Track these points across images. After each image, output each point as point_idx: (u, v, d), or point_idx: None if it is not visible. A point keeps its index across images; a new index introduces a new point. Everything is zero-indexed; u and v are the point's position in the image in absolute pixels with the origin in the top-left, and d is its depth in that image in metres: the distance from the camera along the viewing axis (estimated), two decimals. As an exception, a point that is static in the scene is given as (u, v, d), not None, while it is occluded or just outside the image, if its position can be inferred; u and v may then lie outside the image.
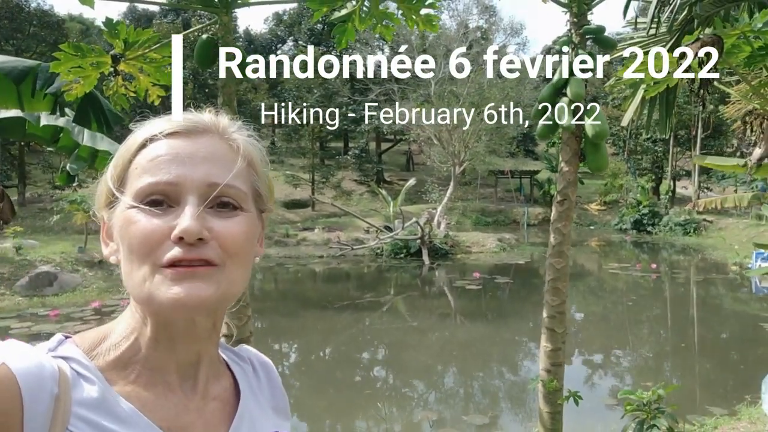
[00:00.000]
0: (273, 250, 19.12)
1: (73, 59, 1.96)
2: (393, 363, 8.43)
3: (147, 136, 0.61)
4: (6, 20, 27.17)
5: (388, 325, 10.47)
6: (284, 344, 9.56)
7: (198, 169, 0.59)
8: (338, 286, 14.85)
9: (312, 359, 8.73)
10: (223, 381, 0.69)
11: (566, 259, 2.55)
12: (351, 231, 20.51)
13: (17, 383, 0.49)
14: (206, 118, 0.64)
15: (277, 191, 27.38)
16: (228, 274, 0.58)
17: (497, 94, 21.89)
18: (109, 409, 0.55)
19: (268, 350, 8.80)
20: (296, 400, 6.75)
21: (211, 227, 0.58)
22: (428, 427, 5.60)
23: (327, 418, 6.23)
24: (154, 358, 0.61)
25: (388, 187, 30.89)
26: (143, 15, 38.92)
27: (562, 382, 2.67)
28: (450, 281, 14.37)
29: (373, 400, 6.51)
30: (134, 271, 0.57)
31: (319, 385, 7.24)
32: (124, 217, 0.58)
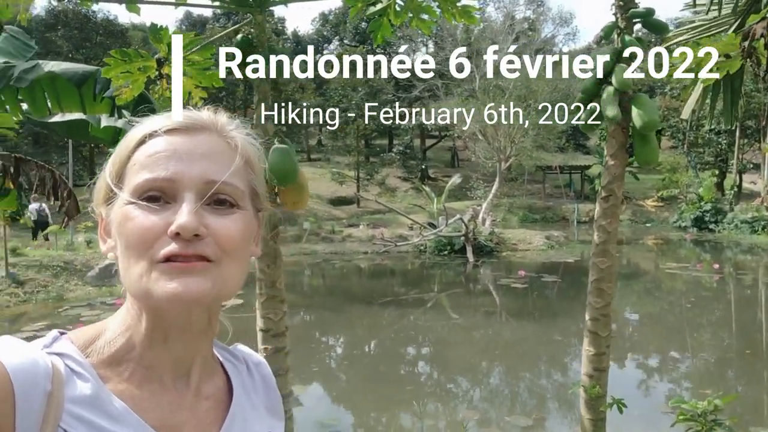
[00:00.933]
0: (320, 247, 19.38)
1: (121, 64, 2.04)
2: (437, 359, 8.39)
3: (146, 132, 0.61)
4: (76, 30, 28.67)
5: (432, 322, 10.43)
6: (330, 338, 9.68)
7: (195, 166, 0.59)
8: (382, 282, 14.90)
9: (357, 353, 8.79)
10: (216, 380, 0.69)
11: (612, 258, 2.46)
12: (395, 228, 20.54)
13: (10, 380, 0.50)
14: (205, 115, 0.64)
15: (323, 188, 27.81)
16: (223, 271, 0.58)
17: (545, 86, 21.37)
18: (102, 406, 0.55)
19: (315, 343, 8.93)
20: (342, 393, 6.82)
21: (208, 224, 0.58)
22: (471, 425, 5.55)
23: (372, 411, 6.26)
24: (148, 356, 0.61)
25: (432, 183, 30.75)
26: (198, 21, 40.16)
27: (605, 388, 2.57)
28: (495, 279, 14.17)
29: (417, 396, 6.50)
30: (131, 266, 0.57)
31: (365, 378, 7.28)
32: (121, 213, 0.58)
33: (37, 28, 31.78)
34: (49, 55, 22.96)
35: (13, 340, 0.54)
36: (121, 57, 2.02)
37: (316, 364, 7.83)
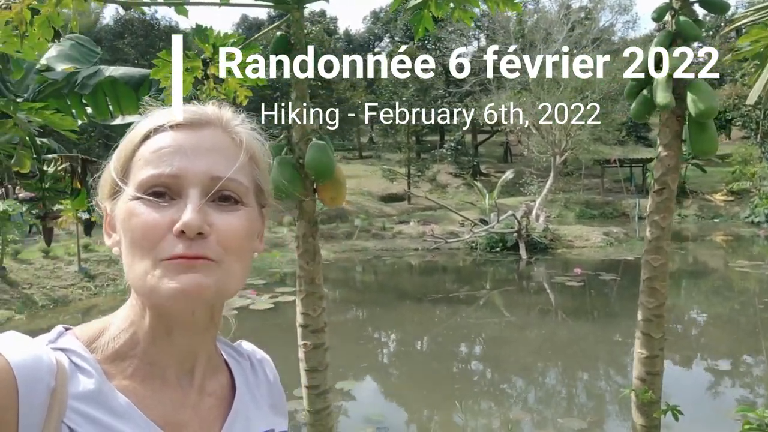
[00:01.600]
0: (370, 243, 19.50)
1: (168, 65, 2.10)
2: (489, 358, 8.26)
3: (151, 127, 0.61)
4: (141, 38, 30.13)
5: (484, 320, 10.28)
6: (381, 334, 9.72)
7: (200, 162, 0.59)
8: (433, 279, 14.83)
9: (407, 350, 8.78)
10: (219, 377, 0.69)
11: (665, 256, 2.32)
12: (446, 224, 20.39)
13: (14, 376, 0.50)
14: (210, 110, 0.64)
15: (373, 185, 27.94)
16: (226, 269, 0.58)
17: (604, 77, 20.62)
18: (105, 402, 0.55)
19: (365, 339, 8.99)
20: (395, 389, 6.83)
21: (212, 221, 0.57)
22: (523, 426, 5.44)
23: (421, 409, 6.24)
24: (151, 352, 0.61)
25: (484, 179, 30.31)
26: (254, 23, 41.21)
27: (659, 393, 2.43)
28: (549, 277, 13.82)
29: (468, 394, 6.43)
30: (135, 263, 0.57)
31: (415, 375, 7.26)
32: (126, 209, 0.58)
33: (106, 36, 33.52)
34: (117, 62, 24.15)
35: (18, 335, 0.55)
36: (168, 58, 2.08)
37: (366, 360, 7.88)
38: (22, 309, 10.33)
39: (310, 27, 32.49)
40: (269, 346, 2.08)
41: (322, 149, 1.73)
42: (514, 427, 5.53)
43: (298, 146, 1.86)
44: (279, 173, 1.75)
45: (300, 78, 1.87)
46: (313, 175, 1.76)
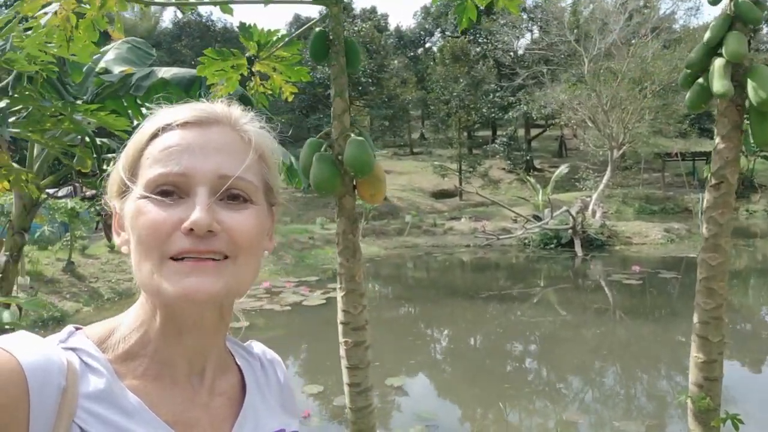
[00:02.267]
0: (421, 240, 19.44)
1: (215, 63, 2.13)
2: (543, 357, 8.06)
3: (159, 125, 0.61)
4: (198, 39, 31.25)
5: (538, 318, 10.05)
6: (434, 331, 9.67)
7: (209, 161, 0.58)
8: (485, 276, 14.62)
9: (461, 347, 8.69)
10: (229, 376, 0.69)
11: (724, 254, 2.16)
12: (498, 220, 20.07)
13: (25, 376, 0.50)
14: (218, 108, 0.63)
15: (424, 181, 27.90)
16: (237, 268, 0.58)
17: (663, 66, 19.71)
18: (116, 402, 0.55)
19: (415, 336, 8.96)
20: (446, 386, 6.78)
21: (221, 220, 0.57)
22: (579, 428, 5.26)
23: (478, 406, 6.16)
24: (162, 351, 0.61)
25: (538, 174, 29.64)
26: (305, 22, 41.85)
27: (718, 400, 2.27)
28: (606, 274, 13.36)
29: (523, 393, 6.30)
30: (143, 261, 0.57)
31: (467, 373, 7.18)
32: (135, 207, 0.58)
33: (165, 39, 34.90)
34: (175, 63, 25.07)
35: (28, 335, 0.55)
36: (214, 56, 2.11)
37: (417, 357, 7.85)
38: (89, 302, 10.91)
39: (360, 24, 32.68)
40: (321, 341, 2.09)
41: (361, 145, 1.71)
42: (569, 429, 5.37)
43: (337, 142, 1.85)
44: (318, 170, 1.74)
45: (338, 73, 1.85)
46: (352, 172, 1.74)
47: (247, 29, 2.02)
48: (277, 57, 2.08)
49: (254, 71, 2.19)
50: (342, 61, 1.84)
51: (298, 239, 16.71)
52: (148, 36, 33.95)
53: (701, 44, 2.14)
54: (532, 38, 34.30)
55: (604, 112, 20.58)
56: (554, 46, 24.77)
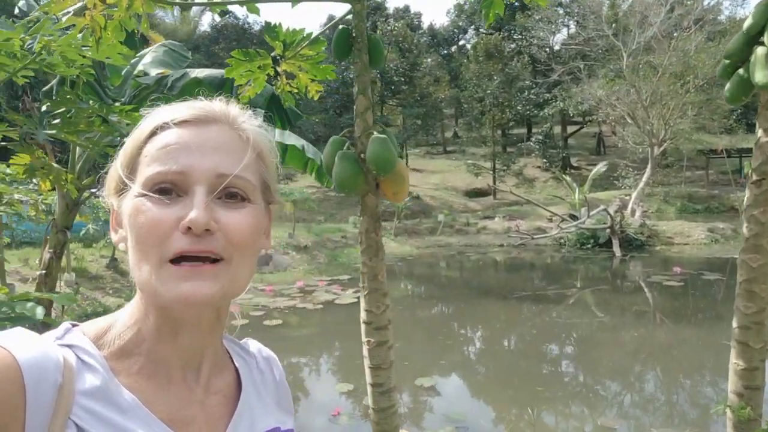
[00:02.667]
0: (454, 239, 19.31)
1: (242, 64, 2.15)
2: (580, 359, 7.89)
3: (157, 123, 0.61)
4: (235, 42, 31.89)
5: (575, 319, 9.84)
6: (467, 331, 9.58)
7: (207, 159, 0.58)
8: (519, 276, 14.42)
9: (494, 348, 8.59)
10: (225, 375, 0.69)
11: (766, 255, 2.05)
12: (533, 219, 19.77)
13: (21, 373, 0.50)
14: (216, 106, 0.63)
15: (457, 180, 27.70)
16: (233, 269, 0.58)
17: (706, 60, 19.01)
18: (112, 399, 0.55)
19: (445, 336, 8.89)
20: (478, 387, 6.70)
21: (219, 218, 0.57)
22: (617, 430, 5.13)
23: (510, 408, 6.08)
24: (157, 349, 0.61)
25: (575, 173, 29.08)
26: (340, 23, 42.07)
27: (759, 410, 2.15)
28: (645, 275, 12.99)
29: (558, 396, 6.18)
30: (141, 261, 0.57)
31: (502, 374, 7.09)
32: (132, 206, 0.58)
33: (203, 42, 35.68)
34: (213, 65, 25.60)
35: (25, 332, 0.55)
36: (242, 57, 2.13)
37: (449, 357, 7.79)
38: (131, 297, 11.15)
39: (393, 23, 32.66)
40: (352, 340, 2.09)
41: (383, 143, 1.69)
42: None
43: (360, 141, 1.83)
44: (340, 168, 1.73)
45: (361, 71, 1.84)
46: (375, 170, 1.72)
47: (273, 29, 2.03)
48: (302, 56, 2.09)
49: (280, 71, 2.19)
50: (365, 58, 1.83)
51: (331, 238, 16.84)
52: (188, 39, 34.80)
53: (741, 33, 2.03)
54: (568, 33, 33.63)
55: (644, 108, 20.01)
56: (591, 41, 24.21)
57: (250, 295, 11.43)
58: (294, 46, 2.04)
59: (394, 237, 18.98)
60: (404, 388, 6.22)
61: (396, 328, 7.47)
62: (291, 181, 25.67)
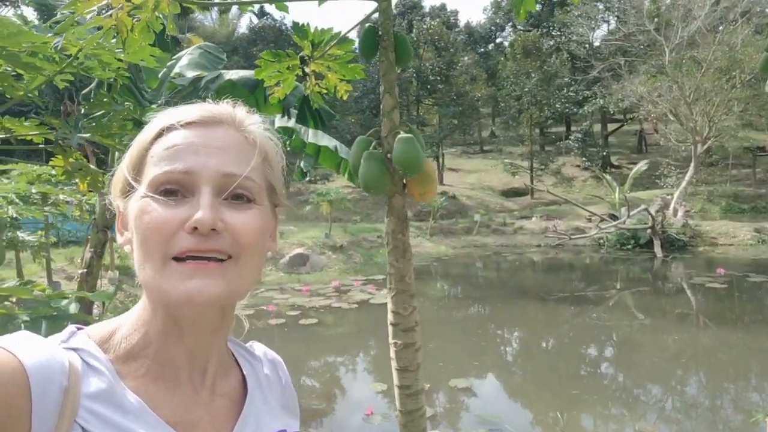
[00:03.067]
0: (490, 239, 19.10)
1: (271, 65, 2.16)
2: (620, 362, 7.68)
3: (163, 125, 0.61)
4: (272, 43, 32.41)
5: (614, 321, 9.60)
6: (504, 332, 9.47)
7: (213, 160, 0.59)
8: (557, 277, 14.15)
9: (531, 349, 8.45)
10: (231, 378, 0.69)
11: None
12: (571, 219, 19.38)
13: (27, 376, 0.50)
14: (223, 109, 0.63)
15: (494, 180, 27.42)
16: (239, 269, 0.58)
17: (753, 54, 18.24)
18: (118, 402, 0.55)
19: (487, 336, 8.79)
20: (515, 389, 6.61)
21: (225, 219, 0.57)
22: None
23: (545, 411, 5.97)
24: (163, 351, 0.61)
25: (615, 171, 28.36)
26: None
27: None
28: (688, 277, 12.56)
29: (597, 399, 6.03)
30: (146, 261, 0.57)
31: (539, 376, 6.96)
32: (138, 207, 0.58)
33: (241, 44, 36.32)
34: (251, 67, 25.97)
35: (30, 335, 0.55)
36: (270, 58, 2.14)
37: (484, 358, 7.71)
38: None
39: (429, 22, 32.52)
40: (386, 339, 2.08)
41: (409, 142, 1.67)
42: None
43: (386, 140, 1.81)
44: (366, 169, 1.72)
45: (387, 70, 1.81)
46: (401, 170, 1.70)
47: (301, 28, 2.03)
48: (330, 55, 2.08)
49: (309, 71, 2.20)
50: (391, 56, 1.81)
51: (367, 238, 16.89)
52: (226, 42, 35.53)
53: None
54: (608, 29, 32.80)
55: (687, 104, 19.35)
56: (632, 37, 23.56)
57: (287, 295, 11.59)
58: (322, 45, 2.03)
59: (429, 237, 18.91)
60: (439, 388, 6.18)
61: (431, 328, 7.47)
62: (327, 181, 25.88)
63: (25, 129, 3.09)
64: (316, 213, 18.45)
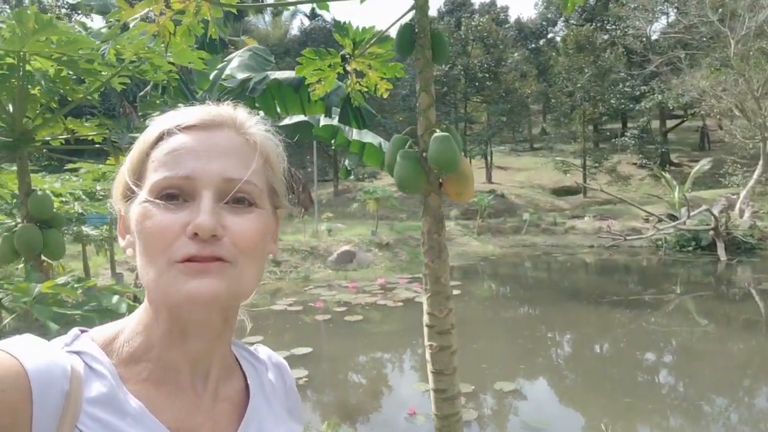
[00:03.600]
0: (539, 239, 18.68)
1: (313, 63, 2.17)
2: (680, 370, 7.33)
3: (163, 129, 0.60)
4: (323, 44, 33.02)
5: (674, 327, 9.19)
6: (554, 334, 9.23)
7: (214, 164, 0.58)
8: (612, 279, 13.68)
9: (582, 354, 8.19)
10: (234, 382, 0.68)
11: None
12: (626, 220, 18.70)
13: (28, 380, 0.50)
14: (224, 111, 0.63)
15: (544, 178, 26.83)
16: (240, 272, 0.58)
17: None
18: (119, 406, 0.55)
19: (536, 339, 8.59)
20: (564, 395, 6.43)
21: (226, 223, 0.57)
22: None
23: (595, 419, 5.78)
24: (166, 355, 0.60)
25: (675, 170, 27.19)
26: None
27: None
28: (756, 282, 11.87)
29: (654, 409, 5.79)
30: (149, 265, 0.57)
31: (589, 382, 6.75)
32: (140, 212, 0.58)
33: (293, 46, 37.02)
34: (299, 68, 26.53)
35: (33, 338, 0.56)
36: (312, 56, 2.14)
37: (532, 361, 7.53)
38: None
39: (478, 19, 32.11)
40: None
41: (445, 141, 1.62)
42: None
43: (422, 139, 1.78)
44: (401, 168, 1.69)
45: (424, 67, 1.78)
46: (437, 169, 1.66)
47: (342, 27, 2.03)
48: (371, 54, 2.07)
49: (350, 69, 2.19)
50: (428, 54, 1.77)
51: (413, 236, 16.87)
52: (279, 43, 36.32)
53: None
54: (667, 21, 31.45)
55: (755, 98, 18.30)
56: (693, 29, 22.48)
57: (334, 292, 11.72)
58: (363, 44, 2.02)
59: (476, 236, 18.68)
60: (485, 390, 6.08)
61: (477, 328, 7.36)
62: (375, 179, 25.98)
63: (86, 129, 3.24)
64: (363, 210, 18.60)
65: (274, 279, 13.25)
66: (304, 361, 7.20)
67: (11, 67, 2.06)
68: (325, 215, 18.90)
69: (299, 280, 13.35)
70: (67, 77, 2.40)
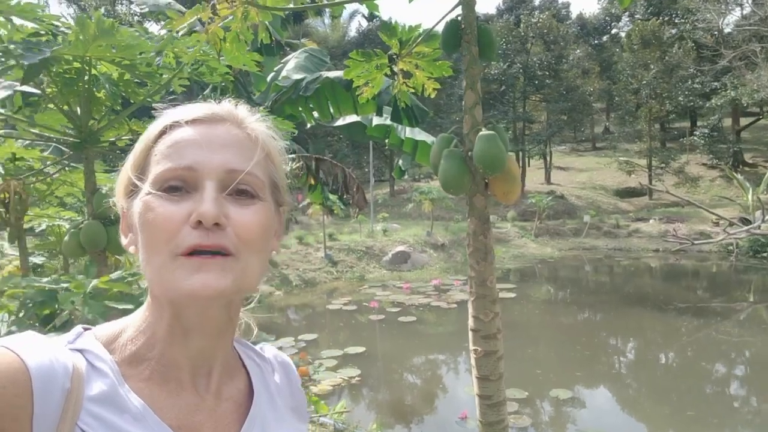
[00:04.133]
0: (601, 242, 18.04)
1: (360, 64, 2.16)
2: (753, 383, 6.90)
3: (166, 123, 0.61)
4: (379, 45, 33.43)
5: (746, 337, 8.66)
6: (615, 341, 8.90)
7: (216, 155, 0.59)
8: (678, 285, 13.03)
9: (644, 362, 7.85)
10: (237, 381, 0.67)
11: None
12: (695, 223, 17.74)
13: (30, 378, 0.50)
14: (225, 107, 0.64)
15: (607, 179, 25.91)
16: (242, 264, 0.58)
17: None
18: (120, 405, 0.55)
19: (597, 345, 8.29)
20: (628, 404, 6.20)
21: (229, 214, 0.57)
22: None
23: (669, 427, 5.53)
24: (168, 354, 0.60)
25: (749, 171, 25.58)
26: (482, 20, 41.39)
27: None
28: (840, 290, 11.03)
29: (715, 423, 5.48)
30: (152, 258, 0.57)
31: (651, 392, 6.46)
32: (142, 204, 0.58)
33: (350, 48, 37.51)
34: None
35: (35, 336, 0.55)
36: (359, 57, 2.14)
37: (592, 368, 7.28)
38: (281, 286, 12.18)
39: (537, 15, 31.37)
40: None
41: (491, 140, 1.57)
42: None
43: (468, 138, 1.73)
44: (446, 167, 1.65)
45: (471, 64, 1.73)
46: (482, 169, 1.61)
47: (389, 26, 2.01)
48: (418, 53, 2.04)
49: (397, 70, 2.17)
50: (474, 50, 1.72)
51: (468, 238, 16.66)
52: (338, 45, 36.87)
53: None
54: (741, 13, 29.61)
55: (843, 93, 16.93)
56: (769, 21, 21.07)
57: (388, 292, 11.75)
58: (410, 43, 2.00)
59: (534, 237, 18.24)
60: (541, 397, 5.92)
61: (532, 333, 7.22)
62: (431, 180, 25.87)
63: (148, 131, 3.38)
64: (419, 211, 18.55)
65: (330, 279, 13.44)
66: (358, 360, 7.25)
67: (78, 71, 2.18)
68: (381, 215, 18.99)
69: (354, 280, 13.47)
70: (129, 80, 2.51)
